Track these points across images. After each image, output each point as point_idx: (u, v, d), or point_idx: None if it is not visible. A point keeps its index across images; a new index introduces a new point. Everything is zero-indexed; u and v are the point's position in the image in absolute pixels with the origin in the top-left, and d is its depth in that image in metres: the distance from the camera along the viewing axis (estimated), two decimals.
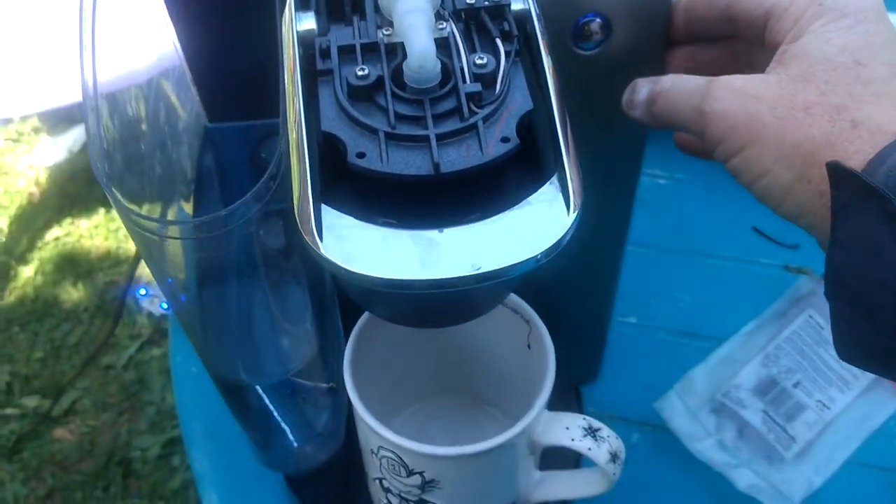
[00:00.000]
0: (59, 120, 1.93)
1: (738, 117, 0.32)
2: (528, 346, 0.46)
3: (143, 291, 0.63)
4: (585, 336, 0.57)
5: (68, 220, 1.77)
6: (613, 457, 0.42)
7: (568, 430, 0.42)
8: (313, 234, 0.31)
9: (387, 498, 0.46)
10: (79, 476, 1.36)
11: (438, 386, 0.53)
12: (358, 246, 0.31)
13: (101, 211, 1.77)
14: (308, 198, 0.31)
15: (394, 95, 0.32)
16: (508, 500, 0.46)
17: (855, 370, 0.60)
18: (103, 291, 1.62)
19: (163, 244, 0.37)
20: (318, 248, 0.30)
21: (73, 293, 1.62)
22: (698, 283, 0.68)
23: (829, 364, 0.60)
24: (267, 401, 0.47)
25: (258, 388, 0.46)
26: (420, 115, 0.32)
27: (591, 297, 0.54)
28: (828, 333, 0.60)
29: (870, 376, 0.60)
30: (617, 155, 0.48)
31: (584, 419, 0.43)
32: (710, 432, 0.58)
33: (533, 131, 0.34)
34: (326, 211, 0.32)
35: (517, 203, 0.32)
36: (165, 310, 0.64)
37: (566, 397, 0.58)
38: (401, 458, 0.42)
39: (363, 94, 0.33)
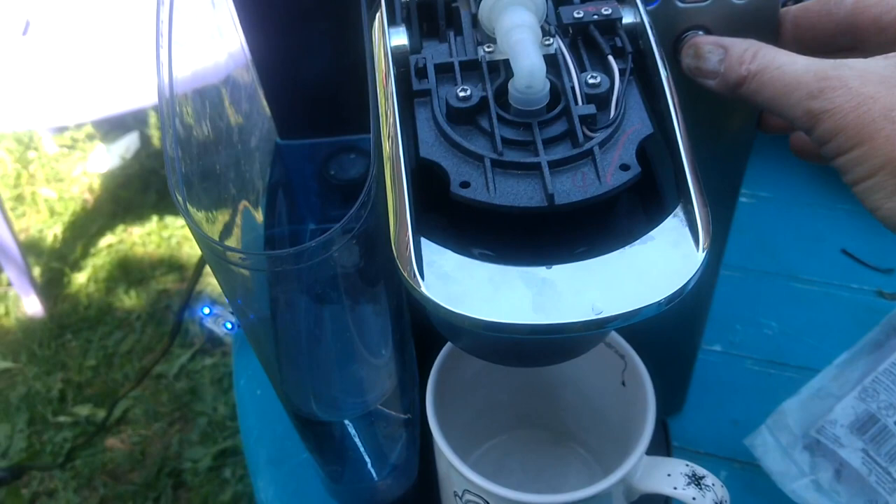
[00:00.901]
0: (112, 127, 1.94)
1: (849, 118, 0.30)
2: (623, 384, 0.43)
3: (206, 310, 0.61)
4: (672, 365, 0.54)
5: (121, 228, 1.78)
6: None
7: (669, 476, 0.39)
8: (414, 271, 0.28)
9: None
10: (130, 486, 1.35)
11: (519, 419, 0.51)
12: (463, 285, 0.28)
13: (154, 218, 1.78)
14: (407, 232, 0.29)
15: (499, 118, 0.30)
16: None
17: None
18: (156, 300, 1.62)
19: (242, 271, 0.34)
20: (420, 287, 0.28)
21: (125, 301, 1.62)
22: (785, 308, 0.64)
23: None
24: (342, 434, 0.44)
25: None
26: (528, 139, 0.29)
27: (682, 324, 0.51)
28: None
29: None
30: (718, 174, 0.45)
31: (687, 465, 0.39)
32: (804, 472, 0.54)
33: (648, 158, 0.31)
34: (426, 245, 0.29)
35: (636, 238, 0.29)
36: (230, 330, 0.62)
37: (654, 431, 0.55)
38: None
39: (464, 117, 0.30)
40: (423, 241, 0.29)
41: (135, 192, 1.84)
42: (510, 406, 0.50)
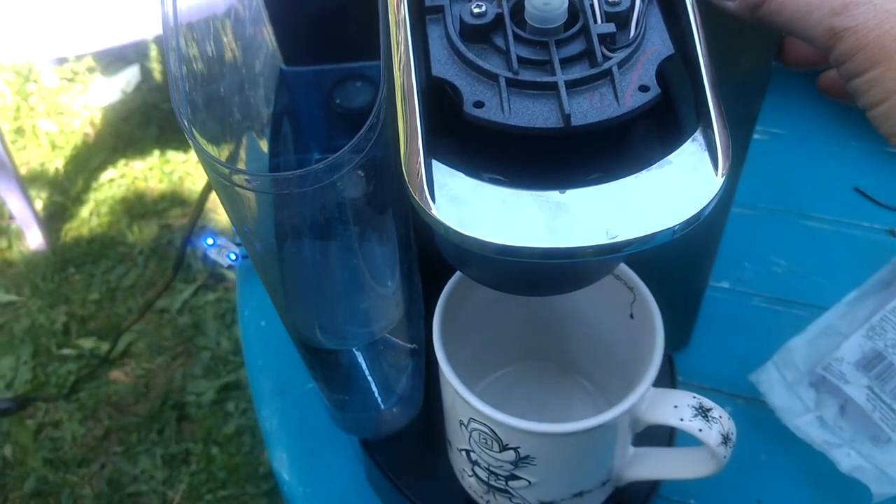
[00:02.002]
0: (112, 60, 1.91)
1: (871, 36, 0.28)
2: (631, 316, 0.43)
3: (210, 241, 0.61)
4: (680, 301, 0.53)
5: (123, 162, 1.76)
6: (725, 439, 0.39)
7: (676, 408, 0.39)
8: (424, 193, 0.27)
9: (473, 470, 0.43)
10: (134, 418, 1.37)
11: (525, 351, 0.50)
12: (475, 209, 0.27)
13: (156, 153, 1.76)
14: (418, 153, 0.28)
15: (514, 36, 0.29)
16: (602, 478, 0.43)
17: None
18: (158, 235, 1.62)
19: (248, 196, 0.34)
20: (431, 210, 0.27)
21: (128, 235, 1.62)
22: (795, 246, 0.63)
23: None
24: (348, 362, 0.44)
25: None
26: (545, 59, 0.28)
27: (691, 259, 0.50)
28: None
29: None
30: (732, 110, 0.43)
31: (695, 397, 0.39)
32: (809, 408, 0.54)
33: (666, 80, 0.30)
34: (437, 167, 0.28)
35: (653, 163, 0.28)
36: (233, 261, 0.61)
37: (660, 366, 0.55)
38: (494, 433, 0.39)
39: (479, 35, 0.29)
40: (435, 163, 0.28)
41: (136, 127, 1.82)
42: (516, 339, 0.49)
